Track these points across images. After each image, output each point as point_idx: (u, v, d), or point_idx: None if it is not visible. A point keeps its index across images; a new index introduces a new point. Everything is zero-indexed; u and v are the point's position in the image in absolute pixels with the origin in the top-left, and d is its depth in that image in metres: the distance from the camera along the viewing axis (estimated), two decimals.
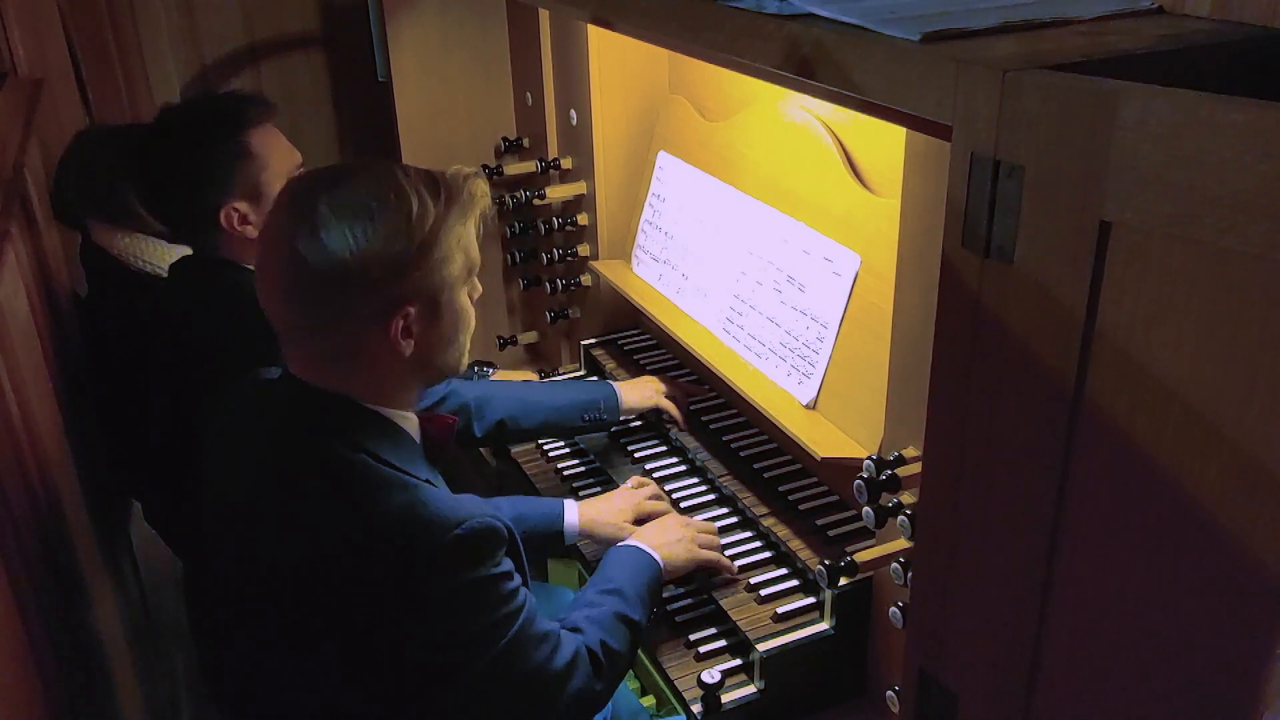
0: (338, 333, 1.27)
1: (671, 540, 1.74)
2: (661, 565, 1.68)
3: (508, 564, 1.31)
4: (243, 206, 1.81)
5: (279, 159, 1.85)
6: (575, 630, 1.47)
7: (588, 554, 1.91)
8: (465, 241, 1.32)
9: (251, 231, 1.83)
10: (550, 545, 1.84)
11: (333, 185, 1.25)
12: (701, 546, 1.77)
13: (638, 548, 1.69)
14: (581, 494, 2.09)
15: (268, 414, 1.37)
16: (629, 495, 1.91)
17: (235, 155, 1.80)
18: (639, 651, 1.76)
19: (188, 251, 2.23)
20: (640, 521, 1.85)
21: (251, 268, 1.85)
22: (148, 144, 1.85)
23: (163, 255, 2.20)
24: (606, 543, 1.81)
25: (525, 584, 1.36)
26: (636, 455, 2.13)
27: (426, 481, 1.32)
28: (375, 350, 1.28)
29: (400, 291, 1.26)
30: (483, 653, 1.28)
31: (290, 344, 1.32)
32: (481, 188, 1.35)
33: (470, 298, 1.38)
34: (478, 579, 1.26)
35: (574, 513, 1.83)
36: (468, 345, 1.40)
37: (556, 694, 1.37)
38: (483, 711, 1.35)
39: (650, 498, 1.91)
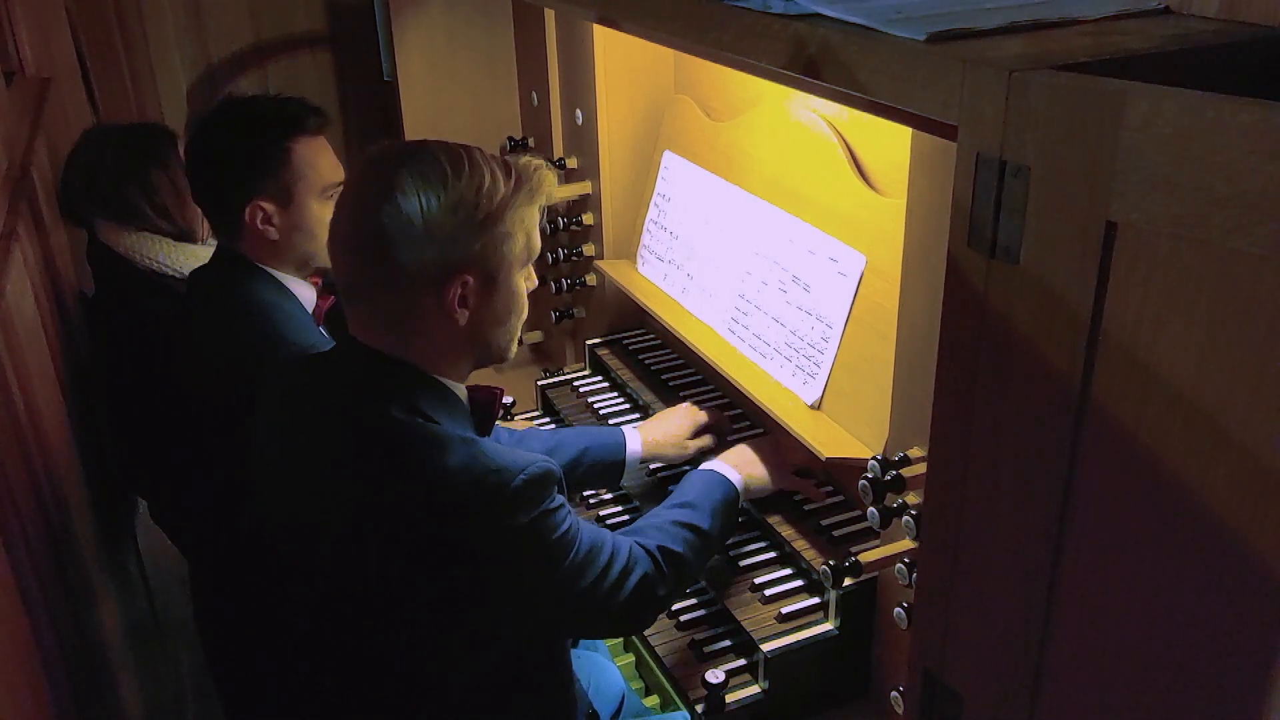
0: (397, 293, 1.33)
1: (756, 460, 1.80)
2: (740, 486, 1.74)
3: (560, 498, 1.39)
4: (269, 206, 1.82)
5: (318, 173, 1.86)
6: (634, 536, 1.53)
7: (634, 486, 1.96)
8: (528, 224, 1.39)
9: (273, 234, 1.84)
10: (612, 475, 1.90)
11: (411, 154, 1.33)
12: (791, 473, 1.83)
13: (714, 470, 1.74)
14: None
15: (326, 382, 1.43)
16: (685, 411, 1.97)
17: (275, 157, 1.82)
18: (656, 656, 1.78)
19: (194, 249, 2.24)
20: (700, 435, 1.94)
21: (269, 269, 1.88)
22: (202, 124, 1.87)
23: (169, 253, 2.20)
24: (672, 462, 1.89)
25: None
26: None
27: None
28: (431, 316, 1.35)
29: (461, 259, 1.33)
30: (550, 576, 1.37)
31: (352, 304, 1.39)
32: (550, 178, 1.42)
33: (526, 285, 1.44)
34: (540, 515, 1.33)
35: (635, 440, 1.89)
36: (518, 332, 1.47)
37: (614, 596, 1.44)
38: (548, 625, 1.45)
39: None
